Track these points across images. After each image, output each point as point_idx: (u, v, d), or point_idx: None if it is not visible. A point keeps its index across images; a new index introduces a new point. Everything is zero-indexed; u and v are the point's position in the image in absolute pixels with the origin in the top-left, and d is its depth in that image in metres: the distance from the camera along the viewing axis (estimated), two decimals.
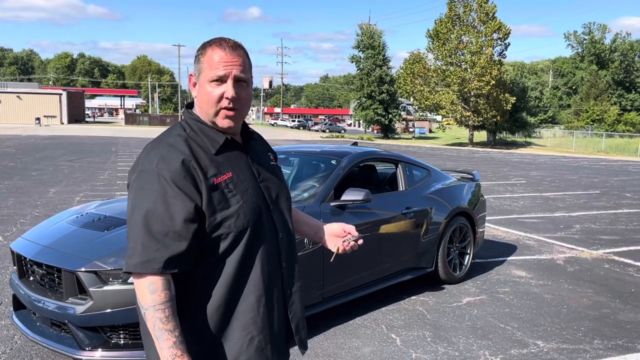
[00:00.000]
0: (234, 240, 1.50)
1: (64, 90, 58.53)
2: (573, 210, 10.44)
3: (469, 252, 5.72)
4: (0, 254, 5.99)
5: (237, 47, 1.55)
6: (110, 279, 3.22)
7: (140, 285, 1.43)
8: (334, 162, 4.81)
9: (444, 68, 39.71)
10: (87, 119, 66.44)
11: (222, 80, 1.52)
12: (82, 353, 3.21)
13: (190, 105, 1.65)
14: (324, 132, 57.38)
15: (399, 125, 57.49)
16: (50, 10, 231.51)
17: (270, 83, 63.57)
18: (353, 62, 49.39)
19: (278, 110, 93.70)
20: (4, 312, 4.35)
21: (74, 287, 3.27)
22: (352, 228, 1.89)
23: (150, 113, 77.66)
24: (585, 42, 74.75)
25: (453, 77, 38.40)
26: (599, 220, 9.42)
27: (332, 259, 2.07)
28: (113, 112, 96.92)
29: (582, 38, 75.49)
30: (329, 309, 4.28)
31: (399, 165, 5.32)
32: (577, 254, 6.94)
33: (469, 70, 38.28)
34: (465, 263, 5.67)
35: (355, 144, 5.96)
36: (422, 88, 40.84)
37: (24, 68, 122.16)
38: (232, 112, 1.55)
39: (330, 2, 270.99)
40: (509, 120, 43.43)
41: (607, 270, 6.20)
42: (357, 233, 1.89)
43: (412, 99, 46.19)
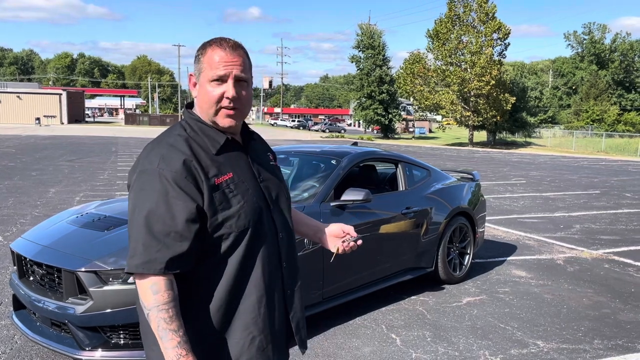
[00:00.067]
0: (235, 240, 1.50)
1: (64, 90, 58.55)
2: (573, 210, 10.44)
3: (469, 252, 5.72)
4: (0, 254, 5.98)
5: (237, 47, 1.55)
6: (110, 279, 3.22)
7: (143, 286, 1.43)
8: (334, 162, 4.81)
9: (444, 68, 39.72)
10: (87, 119, 66.43)
11: (222, 80, 1.52)
12: (82, 353, 3.21)
13: (190, 105, 1.65)
14: (324, 132, 57.38)
15: (399, 125, 57.49)
16: (50, 10, 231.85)
17: (270, 83, 63.58)
18: (353, 62, 49.42)
19: (278, 110, 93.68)
20: (4, 312, 4.35)
21: (74, 287, 3.28)
22: (351, 228, 1.91)
23: (150, 113, 77.65)
24: (585, 42, 74.76)
25: (453, 77, 38.40)
26: (599, 220, 9.42)
27: (332, 259, 2.08)
28: (113, 112, 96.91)
29: (582, 38, 75.53)
30: (329, 309, 4.28)
31: (399, 165, 5.32)
32: (577, 254, 6.94)
33: (469, 70, 38.29)
34: (465, 263, 5.67)
35: (355, 144, 5.96)
36: (422, 88, 40.85)
37: (24, 68, 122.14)
38: (232, 111, 1.55)
39: (330, 2, 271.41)
40: (509, 120, 43.44)
41: (607, 270, 6.20)
42: (356, 233, 1.90)
43: (412, 99, 46.19)
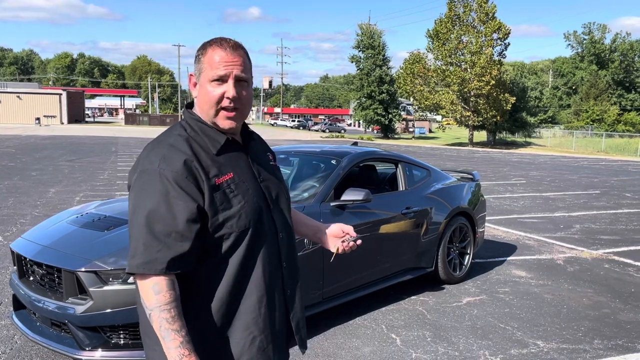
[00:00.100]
0: (236, 240, 1.50)
1: (64, 90, 58.54)
2: (573, 210, 10.44)
3: (469, 252, 5.72)
4: (0, 254, 5.98)
5: (237, 47, 1.55)
6: (110, 279, 3.22)
7: (145, 286, 1.42)
8: (334, 162, 4.81)
9: (444, 68, 39.72)
10: (87, 119, 66.43)
11: (223, 80, 1.52)
12: (82, 353, 3.21)
13: (190, 105, 1.65)
14: (324, 132, 57.38)
15: (399, 125, 57.49)
16: (50, 10, 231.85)
17: (270, 83, 63.57)
18: (353, 62, 49.42)
19: (278, 110, 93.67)
20: (4, 312, 4.35)
21: (74, 287, 3.28)
22: (350, 228, 1.91)
23: (150, 113, 77.62)
24: (585, 42, 74.76)
25: (453, 77, 38.40)
26: (599, 220, 9.42)
27: (331, 259, 2.08)
28: (113, 112, 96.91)
29: (582, 38, 75.53)
30: (329, 309, 4.28)
31: (399, 165, 5.32)
32: (577, 254, 6.94)
33: (469, 70, 38.29)
34: (465, 263, 5.67)
35: (355, 144, 5.96)
36: (422, 88, 40.85)
37: (24, 68, 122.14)
38: (233, 112, 1.55)
39: (330, 2, 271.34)
40: (509, 120, 43.44)
41: (607, 270, 6.20)
42: (355, 233, 1.91)
43: (412, 99, 46.19)
